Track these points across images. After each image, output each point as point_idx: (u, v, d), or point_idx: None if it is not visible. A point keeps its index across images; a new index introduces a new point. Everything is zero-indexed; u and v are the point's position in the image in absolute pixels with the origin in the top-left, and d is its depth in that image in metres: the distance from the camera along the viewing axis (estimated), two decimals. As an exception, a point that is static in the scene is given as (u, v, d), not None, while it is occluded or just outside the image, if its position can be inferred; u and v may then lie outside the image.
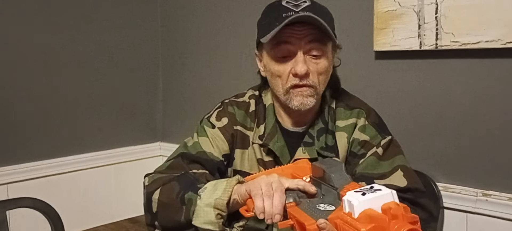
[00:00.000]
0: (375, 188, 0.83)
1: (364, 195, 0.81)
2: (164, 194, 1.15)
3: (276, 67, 1.20)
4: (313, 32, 1.17)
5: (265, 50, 1.23)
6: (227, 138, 1.27)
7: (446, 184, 1.58)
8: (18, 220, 1.88)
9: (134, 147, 2.37)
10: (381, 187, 0.83)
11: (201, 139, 1.28)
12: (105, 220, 2.05)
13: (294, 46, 1.17)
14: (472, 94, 1.52)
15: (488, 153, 1.51)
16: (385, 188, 0.82)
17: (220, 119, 1.30)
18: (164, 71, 2.45)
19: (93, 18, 2.20)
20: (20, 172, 2.01)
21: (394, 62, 1.67)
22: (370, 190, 0.82)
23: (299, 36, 1.16)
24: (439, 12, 1.52)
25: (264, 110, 1.30)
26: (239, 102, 1.32)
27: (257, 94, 1.33)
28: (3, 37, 1.96)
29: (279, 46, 1.18)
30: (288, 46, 1.17)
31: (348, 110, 1.26)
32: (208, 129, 1.29)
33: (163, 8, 2.42)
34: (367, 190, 0.82)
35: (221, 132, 1.28)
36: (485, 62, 1.49)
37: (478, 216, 1.53)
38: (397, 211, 0.76)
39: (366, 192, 0.81)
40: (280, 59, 1.19)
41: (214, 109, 1.33)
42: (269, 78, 1.24)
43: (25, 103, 2.03)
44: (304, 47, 1.17)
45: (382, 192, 0.81)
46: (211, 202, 1.04)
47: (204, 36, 2.24)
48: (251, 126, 1.29)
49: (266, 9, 1.25)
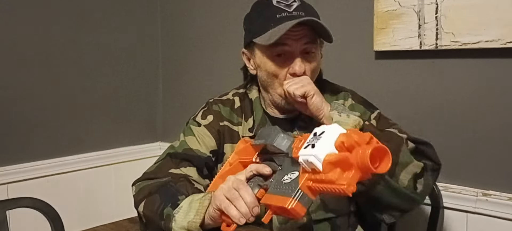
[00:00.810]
0: (319, 132, 0.81)
1: (314, 146, 0.79)
2: (147, 207, 1.16)
3: (273, 67, 1.23)
4: (309, 33, 1.21)
5: (259, 50, 1.25)
6: (214, 134, 1.30)
7: (446, 184, 1.58)
8: (18, 220, 1.88)
9: (134, 147, 2.37)
10: (323, 128, 0.81)
11: (188, 138, 1.30)
12: (105, 220, 2.04)
13: (292, 47, 1.20)
14: (472, 94, 1.52)
15: (488, 153, 1.51)
16: (326, 126, 0.81)
17: (205, 117, 1.33)
18: (164, 71, 2.45)
19: (93, 18, 2.20)
20: (20, 172, 2.01)
21: (394, 62, 1.67)
22: (316, 137, 0.80)
23: (297, 37, 1.20)
24: (439, 12, 1.52)
25: (250, 105, 1.33)
26: (223, 100, 1.35)
27: (241, 91, 1.37)
28: (3, 37, 1.96)
29: (276, 47, 1.20)
30: (285, 47, 1.20)
31: (334, 95, 1.31)
32: (194, 128, 1.31)
33: (163, 8, 2.41)
34: (313, 139, 0.80)
35: (207, 129, 1.30)
36: (485, 62, 1.49)
37: (478, 216, 1.53)
38: (350, 141, 0.74)
39: (315, 142, 0.80)
40: (277, 58, 1.22)
41: (200, 110, 1.37)
42: (264, 77, 1.27)
43: (25, 103, 2.03)
44: (300, 48, 1.21)
45: (327, 132, 0.79)
46: (184, 226, 1.05)
47: (204, 36, 2.24)
48: (239, 121, 1.32)
49: (255, 6, 1.27)
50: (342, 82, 1.78)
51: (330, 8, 1.82)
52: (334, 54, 1.82)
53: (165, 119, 2.47)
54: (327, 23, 1.93)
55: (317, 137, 0.80)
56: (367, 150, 0.72)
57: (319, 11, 1.84)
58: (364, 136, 0.75)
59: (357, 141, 0.74)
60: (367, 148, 0.73)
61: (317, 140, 0.79)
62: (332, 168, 0.76)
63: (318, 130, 0.81)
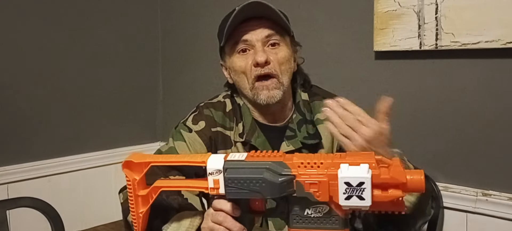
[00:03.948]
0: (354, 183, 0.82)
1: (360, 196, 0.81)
2: None
3: (238, 63, 1.23)
4: (269, 24, 1.21)
5: (227, 54, 1.27)
6: (205, 141, 1.27)
7: (446, 184, 1.58)
8: (18, 220, 1.88)
9: (134, 147, 2.36)
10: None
11: (177, 143, 1.26)
12: (105, 220, 2.04)
13: (252, 40, 1.21)
14: (472, 94, 1.52)
15: (488, 153, 1.51)
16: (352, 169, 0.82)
17: (196, 122, 1.29)
18: (164, 71, 2.45)
19: (93, 18, 2.20)
20: (20, 172, 2.01)
21: (394, 62, 1.67)
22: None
23: (254, 29, 1.21)
24: (439, 12, 1.52)
25: (239, 109, 1.31)
26: (214, 104, 1.32)
27: (231, 94, 1.35)
28: (4, 37, 1.96)
29: (237, 44, 1.22)
30: (246, 41, 1.22)
31: None
32: (185, 133, 1.28)
33: (163, 8, 2.42)
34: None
35: (199, 135, 1.27)
36: (485, 62, 1.49)
37: (478, 216, 1.53)
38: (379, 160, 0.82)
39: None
40: (241, 55, 1.23)
41: (190, 114, 1.33)
42: (236, 79, 1.27)
43: (25, 103, 2.03)
44: (261, 38, 1.21)
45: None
46: None
47: (204, 36, 2.24)
48: (231, 125, 1.30)
49: (221, 22, 1.28)
50: (342, 82, 1.79)
51: (330, 8, 1.82)
52: (334, 54, 1.82)
53: (165, 119, 2.47)
54: (327, 23, 1.93)
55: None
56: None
57: (319, 11, 1.85)
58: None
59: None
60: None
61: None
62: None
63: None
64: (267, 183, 0.85)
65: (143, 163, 0.97)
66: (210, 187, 0.90)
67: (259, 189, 0.86)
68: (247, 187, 0.87)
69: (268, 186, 0.85)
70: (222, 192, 0.89)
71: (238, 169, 0.87)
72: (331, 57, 1.82)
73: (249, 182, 0.86)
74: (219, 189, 0.89)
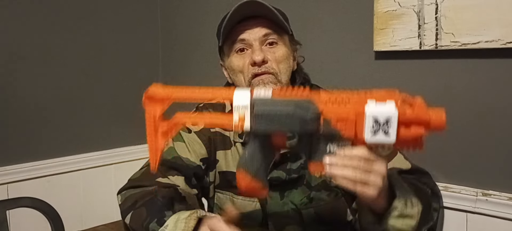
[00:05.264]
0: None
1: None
2: (134, 220, 1.12)
3: (236, 62, 1.23)
4: (266, 23, 1.21)
5: (226, 54, 1.27)
6: (204, 141, 1.26)
7: (446, 184, 1.58)
8: (18, 220, 1.88)
9: (134, 147, 2.36)
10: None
11: (177, 143, 1.25)
12: (105, 220, 2.05)
13: (249, 40, 1.21)
14: (472, 95, 1.52)
15: (488, 153, 1.51)
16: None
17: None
18: (164, 72, 2.45)
19: (93, 18, 2.20)
20: (20, 172, 2.01)
21: (394, 62, 1.67)
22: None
23: (251, 28, 1.21)
24: (439, 12, 1.52)
25: None
26: (214, 104, 1.31)
27: None
28: (3, 37, 1.96)
29: (235, 43, 1.23)
30: (243, 40, 1.22)
31: None
32: (184, 134, 1.27)
33: (163, 8, 2.42)
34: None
35: (198, 135, 1.26)
36: (485, 62, 1.49)
37: (478, 216, 1.53)
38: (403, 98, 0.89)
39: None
40: (239, 54, 1.23)
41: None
42: (234, 79, 1.27)
43: (25, 103, 2.03)
44: (259, 38, 1.21)
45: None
46: None
47: (204, 36, 2.24)
48: None
49: (220, 21, 1.28)
50: (342, 83, 1.79)
51: (330, 8, 1.82)
52: (334, 54, 1.82)
53: (165, 119, 2.46)
54: (327, 23, 1.93)
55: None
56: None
57: (319, 11, 1.85)
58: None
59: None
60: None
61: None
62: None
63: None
64: (296, 118, 0.87)
65: (165, 98, 0.99)
66: (235, 124, 0.90)
67: (289, 123, 0.87)
68: (276, 122, 0.88)
69: (297, 121, 0.87)
70: (247, 127, 0.90)
71: (267, 104, 0.89)
72: (331, 57, 1.82)
73: (279, 117, 0.88)
74: (244, 125, 0.90)
